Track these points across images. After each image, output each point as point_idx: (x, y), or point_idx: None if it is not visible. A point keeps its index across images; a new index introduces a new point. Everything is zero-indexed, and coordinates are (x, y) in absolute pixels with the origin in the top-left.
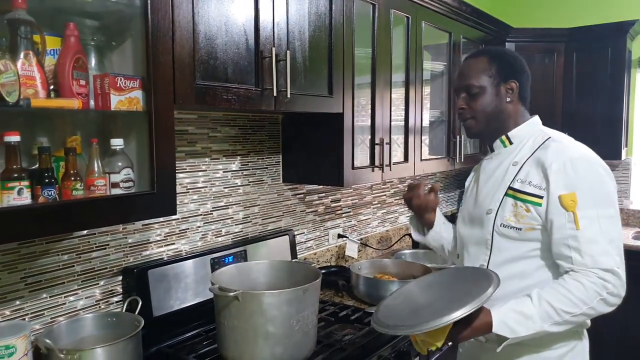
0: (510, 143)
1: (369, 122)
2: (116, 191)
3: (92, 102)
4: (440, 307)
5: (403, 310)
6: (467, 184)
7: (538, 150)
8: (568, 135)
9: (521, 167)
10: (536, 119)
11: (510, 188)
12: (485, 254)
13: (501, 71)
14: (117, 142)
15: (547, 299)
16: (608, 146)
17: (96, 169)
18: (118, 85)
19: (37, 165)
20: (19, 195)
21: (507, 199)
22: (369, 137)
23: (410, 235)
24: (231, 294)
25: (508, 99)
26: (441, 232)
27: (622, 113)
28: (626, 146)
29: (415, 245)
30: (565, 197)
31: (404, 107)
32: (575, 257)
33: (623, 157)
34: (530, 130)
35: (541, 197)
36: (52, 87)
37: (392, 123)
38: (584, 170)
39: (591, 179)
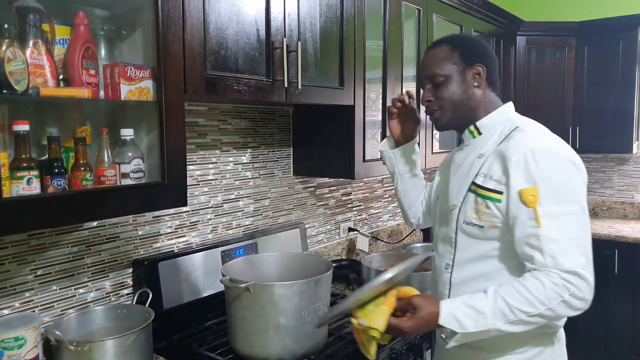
0: (479, 133)
1: (379, 117)
2: (126, 182)
3: (102, 92)
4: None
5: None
6: (436, 177)
7: (503, 141)
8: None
9: (485, 160)
10: (508, 106)
11: (473, 183)
12: (450, 252)
13: (465, 56)
14: (127, 132)
15: (503, 295)
16: (619, 140)
17: (106, 159)
18: (128, 74)
19: (47, 156)
20: (28, 185)
21: (470, 194)
22: (380, 130)
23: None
24: (242, 285)
25: (475, 84)
26: (406, 164)
27: (633, 107)
28: (637, 140)
29: (426, 238)
30: (525, 191)
31: (415, 102)
32: (537, 256)
33: (634, 151)
34: (500, 119)
35: (500, 193)
36: (61, 76)
37: None
38: (545, 163)
39: (554, 172)
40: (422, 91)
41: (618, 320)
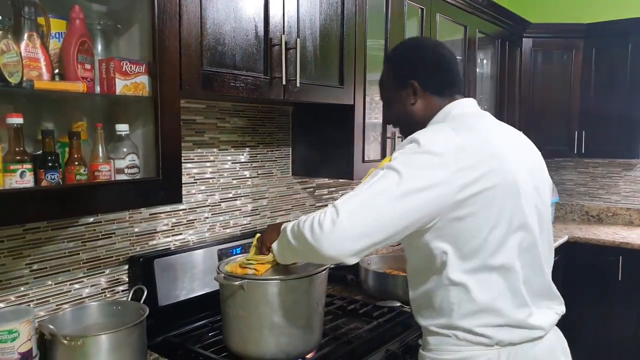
0: None
1: (380, 119)
2: (121, 177)
3: (97, 87)
4: None
5: None
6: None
7: None
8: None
9: None
10: (449, 107)
11: None
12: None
13: (396, 77)
14: (122, 128)
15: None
16: (626, 145)
17: (101, 154)
18: (123, 69)
19: (41, 150)
20: (21, 178)
21: None
22: (381, 132)
23: None
24: (236, 282)
25: (412, 102)
26: None
27: None
28: None
29: None
30: None
31: None
32: None
33: None
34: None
35: None
36: (57, 70)
37: None
38: None
39: None
40: None
41: (621, 328)
